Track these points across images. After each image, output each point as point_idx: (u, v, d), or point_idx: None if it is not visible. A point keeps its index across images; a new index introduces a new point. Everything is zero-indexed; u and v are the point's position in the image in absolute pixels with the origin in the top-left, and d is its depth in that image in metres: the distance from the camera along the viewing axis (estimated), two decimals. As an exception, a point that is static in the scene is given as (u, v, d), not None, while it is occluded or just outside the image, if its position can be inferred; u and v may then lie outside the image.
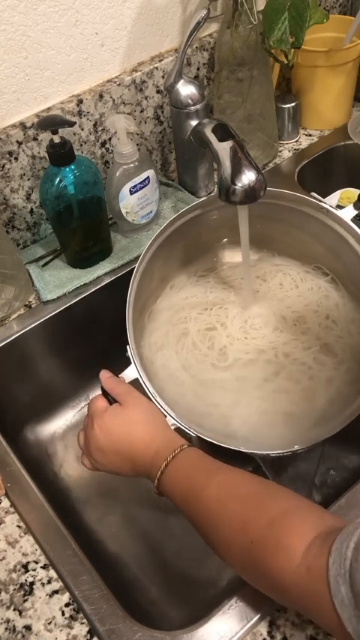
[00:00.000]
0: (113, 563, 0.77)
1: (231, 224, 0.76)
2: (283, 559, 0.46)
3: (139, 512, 0.81)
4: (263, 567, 0.48)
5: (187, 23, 0.94)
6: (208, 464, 0.57)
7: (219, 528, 0.52)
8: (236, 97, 0.94)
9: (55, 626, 0.56)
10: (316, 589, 0.43)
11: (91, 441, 0.63)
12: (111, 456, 0.62)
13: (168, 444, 0.59)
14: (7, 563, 0.61)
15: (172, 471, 0.57)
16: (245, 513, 0.51)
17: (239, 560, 0.51)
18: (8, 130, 0.82)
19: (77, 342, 0.90)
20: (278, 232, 0.84)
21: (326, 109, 1.08)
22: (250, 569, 0.51)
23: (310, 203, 0.76)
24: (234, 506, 0.52)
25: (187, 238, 0.82)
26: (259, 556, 0.48)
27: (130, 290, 0.72)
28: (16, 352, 0.83)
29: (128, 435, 0.61)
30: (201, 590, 0.73)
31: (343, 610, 0.41)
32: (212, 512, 0.53)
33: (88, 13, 0.82)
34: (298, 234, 0.82)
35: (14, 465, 0.69)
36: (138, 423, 0.61)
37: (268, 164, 1.04)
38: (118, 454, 0.61)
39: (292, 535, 0.47)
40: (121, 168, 0.83)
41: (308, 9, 0.83)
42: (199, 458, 0.58)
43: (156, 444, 0.60)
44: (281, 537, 0.47)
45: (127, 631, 0.55)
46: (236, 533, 0.50)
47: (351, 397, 0.70)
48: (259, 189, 0.68)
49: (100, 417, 0.63)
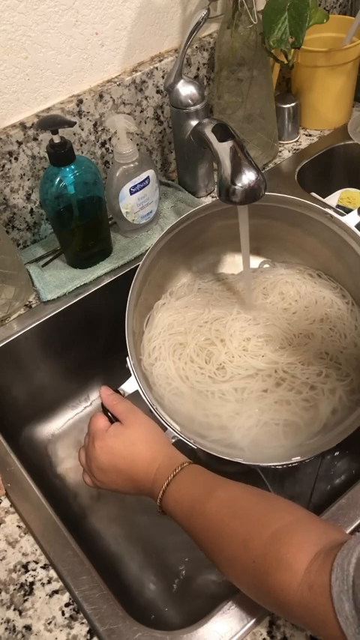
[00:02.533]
0: (113, 563, 0.77)
1: (233, 230, 0.75)
2: (285, 577, 0.46)
3: (139, 512, 0.81)
4: (266, 586, 0.47)
5: (187, 23, 0.94)
6: (208, 480, 0.57)
7: (221, 547, 0.52)
8: (236, 97, 0.94)
9: (55, 626, 0.56)
10: (320, 606, 0.43)
11: (92, 460, 0.62)
12: (112, 475, 0.61)
13: (169, 462, 0.59)
14: (7, 563, 0.61)
15: (173, 490, 0.57)
16: (246, 531, 0.50)
17: (243, 579, 0.51)
18: (8, 130, 0.82)
19: (77, 342, 0.90)
20: (282, 233, 0.83)
21: (326, 109, 1.08)
22: (253, 588, 0.50)
23: (314, 208, 0.76)
24: (235, 523, 0.51)
25: (188, 244, 0.82)
26: (262, 574, 0.47)
27: (130, 297, 0.72)
28: (16, 352, 0.83)
29: (130, 455, 0.61)
30: (201, 590, 0.73)
31: (348, 627, 0.41)
32: (213, 531, 0.52)
33: (88, 13, 0.82)
34: (303, 235, 0.81)
35: (14, 465, 0.69)
36: (139, 442, 0.61)
37: (268, 164, 1.04)
38: (120, 474, 0.61)
39: (294, 551, 0.46)
40: (121, 168, 0.83)
41: (308, 9, 0.83)
42: (199, 474, 0.58)
43: (157, 463, 0.59)
44: (283, 554, 0.46)
45: (127, 631, 0.55)
46: (238, 552, 0.50)
47: (353, 406, 0.70)
48: (259, 190, 0.68)
49: (101, 438, 0.62)
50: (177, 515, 0.56)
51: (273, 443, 0.69)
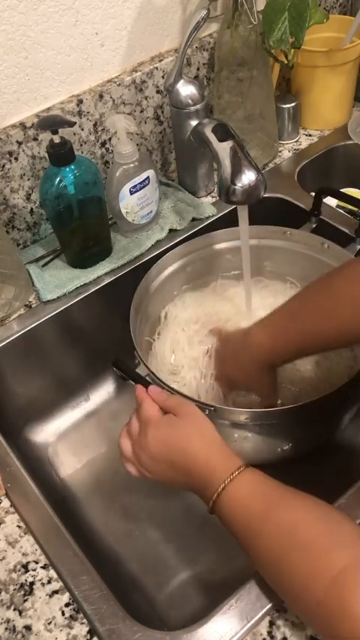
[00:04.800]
0: (113, 563, 0.77)
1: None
2: (349, 624, 0.44)
3: (139, 512, 0.81)
4: (329, 630, 0.47)
5: (187, 23, 0.94)
6: (267, 493, 0.54)
7: (281, 581, 0.51)
8: (236, 97, 0.94)
9: (55, 626, 0.56)
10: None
11: (143, 449, 0.60)
12: (163, 466, 0.60)
13: (225, 462, 0.57)
14: (7, 563, 0.61)
15: (228, 498, 0.55)
16: (308, 570, 0.48)
17: (305, 618, 0.51)
18: (8, 130, 0.82)
19: (77, 342, 0.90)
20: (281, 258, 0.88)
21: (326, 109, 1.08)
22: (316, 628, 0.51)
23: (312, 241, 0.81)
24: (295, 557, 0.49)
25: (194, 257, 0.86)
26: (325, 619, 0.47)
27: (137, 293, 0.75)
28: (16, 352, 0.83)
29: (185, 449, 0.58)
30: (201, 590, 0.73)
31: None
32: (273, 561, 0.51)
33: (88, 13, 0.82)
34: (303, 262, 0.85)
35: (14, 465, 0.69)
36: (195, 435, 0.59)
37: (268, 164, 1.04)
38: (172, 466, 0.59)
39: (357, 596, 0.45)
40: (121, 168, 0.83)
41: (308, 9, 0.83)
42: (257, 485, 0.55)
43: (213, 463, 0.57)
44: (346, 599, 0.45)
45: (127, 631, 0.55)
46: (300, 591, 0.48)
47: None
48: (258, 190, 0.69)
49: (155, 427, 0.60)
50: (231, 527, 0.55)
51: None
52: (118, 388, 0.96)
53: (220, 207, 0.95)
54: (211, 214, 0.94)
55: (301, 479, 0.57)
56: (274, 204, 0.96)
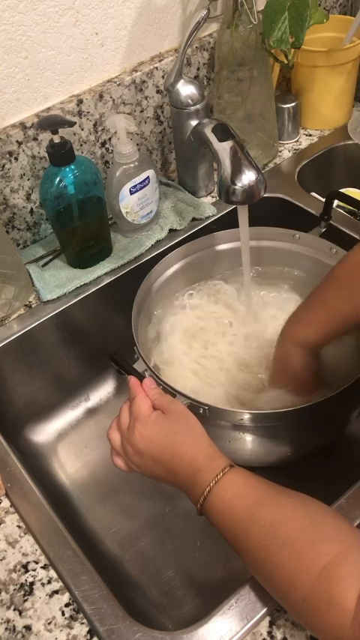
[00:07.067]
0: (113, 563, 0.77)
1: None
2: (336, 617, 0.45)
3: (139, 512, 0.81)
4: (318, 625, 0.47)
5: (187, 23, 0.94)
6: (250, 494, 0.54)
7: (269, 579, 0.51)
8: (236, 97, 0.94)
9: (55, 626, 0.56)
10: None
11: (130, 444, 0.61)
12: (150, 462, 0.60)
13: (210, 463, 0.57)
14: (7, 563, 0.61)
15: (215, 500, 0.55)
16: (293, 566, 0.48)
17: (294, 613, 0.51)
18: (8, 130, 0.82)
19: (77, 342, 0.90)
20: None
21: (326, 109, 1.08)
22: (305, 623, 0.51)
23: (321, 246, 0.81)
24: (281, 555, 0.49)
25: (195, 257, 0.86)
26: (313, 615, 0.47)
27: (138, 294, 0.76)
28: (16, 352, 0.83)
29: (170, 446, 0.59)
30: (201, 590, 0.73)
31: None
32: (259, 560, 0.51)
33: (88, 13, 0.82)
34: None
35: (14, 465, 0.69)
36: (181, 433, 0.59)
37: (268, 164, 1.04)
38: (158, 463, 0.59)
39: (343, 589, 0.45)
40: (121, 168, 0.83)
41: (308, 9, 0.83)
42: (242, 486, 0.55)
43: (198, 464, 0.57)
44: (332, 594, 0.45)
45: (127, 631, 0.55)
46: (287, 588, 0.49)
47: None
48: (259, 190, 0.69)
49: (144, 423, 0.60)
50: (219, 529, 0.55)
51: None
52: (118, 388, 0.96)
53: (220, 207, 0.95)
54: (211, 214, 0.94)
55: (301, 479, 0.57)
56: (274, 204, 0.96)
